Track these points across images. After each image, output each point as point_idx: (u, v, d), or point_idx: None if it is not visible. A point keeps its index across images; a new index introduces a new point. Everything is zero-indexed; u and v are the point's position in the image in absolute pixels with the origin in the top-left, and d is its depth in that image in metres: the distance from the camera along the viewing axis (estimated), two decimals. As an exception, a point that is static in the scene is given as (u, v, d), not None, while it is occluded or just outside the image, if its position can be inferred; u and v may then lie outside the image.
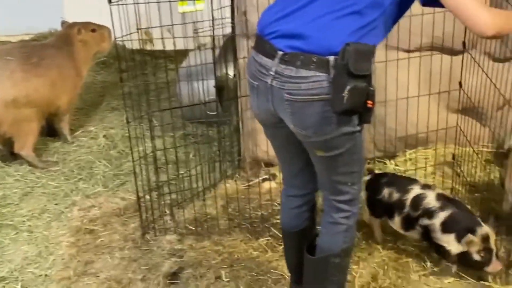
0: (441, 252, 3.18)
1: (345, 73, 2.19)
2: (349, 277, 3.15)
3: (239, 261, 3.46)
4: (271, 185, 4.14)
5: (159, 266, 3.42)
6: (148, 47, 5.40)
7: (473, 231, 3.04)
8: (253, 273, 3.34)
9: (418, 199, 3.23)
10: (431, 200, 3.20)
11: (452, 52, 3.98)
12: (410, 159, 4.24)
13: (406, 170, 4.16)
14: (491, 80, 3.41)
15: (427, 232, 3.19)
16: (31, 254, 3.58)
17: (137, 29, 3.53)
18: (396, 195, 3.31)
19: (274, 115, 2.48)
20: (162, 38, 3.64)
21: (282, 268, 3.34)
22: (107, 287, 3.29)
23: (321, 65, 2.25)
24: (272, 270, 3.36)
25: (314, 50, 2.26)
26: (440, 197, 3.22)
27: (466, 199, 3.83)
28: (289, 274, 3.14)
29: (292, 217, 2.87)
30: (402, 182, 3.37)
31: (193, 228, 3.77)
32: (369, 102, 2.26)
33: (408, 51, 3.97)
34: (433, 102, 4.08)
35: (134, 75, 4.50)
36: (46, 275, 3.40)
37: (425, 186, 3.30)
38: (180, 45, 4.33)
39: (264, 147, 4.01)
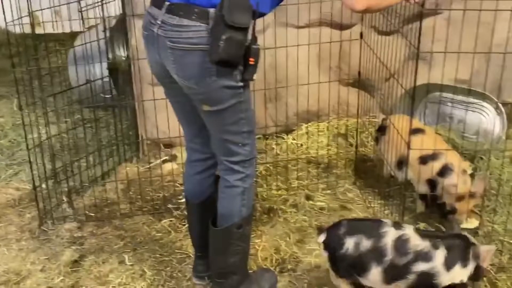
0: None
1: (221, 24, 2.31)
2: (252, 251, 3.21)
3: (142, 244, 3.44)
4: (172, 166, 4.13)
5: (59, 255, 3.34)
6: (37, 31, 5.19)
7: (471, 246, 2.69)
8: (157, 255, 3.34)
9: (401, 242, 2.66)
10: (416, 240, 2.67)
11: (343, 27, 4.11)
12: (307, 133, 4.35)
13: (304, 143, 4.27)
14: (377, 56, 3.54)
15: (424, 278, 2.66)
16: None
17: (29, 12, 3.39)
18: (367, 243, 2.68)
19: (162, 66, 2.56)
20: (46, 21, 3.51)
21: (187, 247, 3.36)
22: (5, 280, 3.18)
23: (202, 16, 2.38)
24: (176, 251, 3.37)
25: (197, 2, 2.39)
26: (422, 234, 2.71)
27: (359, 168, 3.99)
28: (193, 253, 3.16)
29: (195, 183, 2.92)
30: (368, 226, 2.78)
31: (93, 214, 3.70)
32: (251, 59, 2.39)
33: (300, 27, 4.06)
34: (327, 77, 4.20)
35: (24, 60, 4.31)
36: None
37: (397, 225, 2.74)
38: (71, 28, 4.21)
39: (163, 128, 3.98)
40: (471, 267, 2.66)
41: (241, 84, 2.49)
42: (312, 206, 3.69)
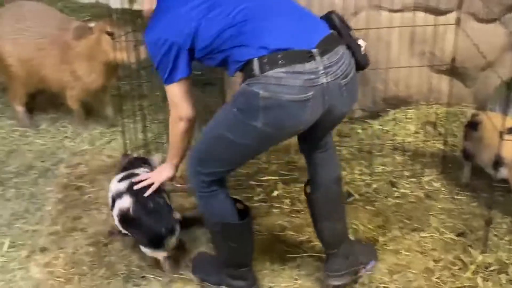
0: None
1: (348, 35, 2.53)
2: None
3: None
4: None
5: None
6: (135, 6, 5.35)
7: None
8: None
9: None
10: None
11: (439, 12, 4.01)
12: (394, 119, 4.28)
13: (391, 129, 4.21)
14: (473, 43, 3.44)
15: None
16: (18, 210, 3.59)
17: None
18: None
19: (312, 120, 2.47)
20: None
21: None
22: (94, 242, 3.31)
23: (338, 38, 2.51)
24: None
25: (326, 32, 2.49)
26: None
27: (447, 158, 3.89)
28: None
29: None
30: None
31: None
32: None
33: (393, 10, 3.99)
34: (419, 62, 4.12)
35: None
36: (34, 230, 3.42)
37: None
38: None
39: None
40: None
41: None
42: (396, 194, 3.64)
